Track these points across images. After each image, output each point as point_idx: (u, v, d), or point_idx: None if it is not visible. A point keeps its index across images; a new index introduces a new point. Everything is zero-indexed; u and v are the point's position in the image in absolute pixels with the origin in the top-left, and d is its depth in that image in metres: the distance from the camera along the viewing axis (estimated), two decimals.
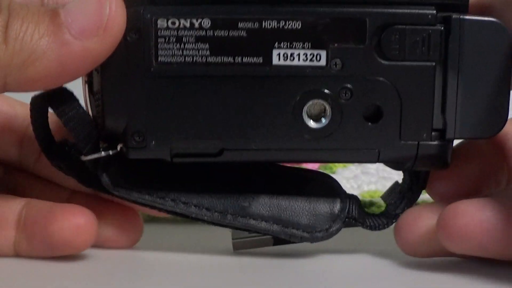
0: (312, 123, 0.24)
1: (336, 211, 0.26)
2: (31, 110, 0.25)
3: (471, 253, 0.23)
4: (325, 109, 0.24)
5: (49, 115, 0.25)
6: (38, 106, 0.25)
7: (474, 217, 0.22)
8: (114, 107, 0.24)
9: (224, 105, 0.24)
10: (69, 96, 0.24)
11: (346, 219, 0.26)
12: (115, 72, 0.23)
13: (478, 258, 0.24)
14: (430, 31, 0.23)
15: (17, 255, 0.25)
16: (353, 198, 0.26)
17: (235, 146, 0.24)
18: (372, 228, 0.26)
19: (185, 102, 0.24)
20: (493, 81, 0.24)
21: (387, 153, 0.24)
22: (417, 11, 0.23)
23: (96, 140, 0.25)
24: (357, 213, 0.26)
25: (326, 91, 0.23)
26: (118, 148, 0.24)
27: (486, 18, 0.23)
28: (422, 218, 0.25)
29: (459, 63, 0.23)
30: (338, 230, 0.26)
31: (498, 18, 0.23)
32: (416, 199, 0.26)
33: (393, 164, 0.26)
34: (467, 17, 0.23)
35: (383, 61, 0.23)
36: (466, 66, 0.23)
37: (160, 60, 0.23)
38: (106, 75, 0.23)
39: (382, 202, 0.28)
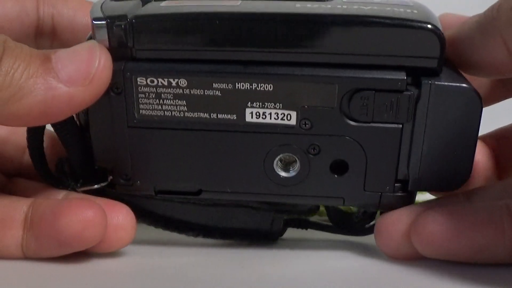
0: (282, 173, 0.26)
1: None
2: (27, 132, 0.27)
3: (442, 257, 0.25)
4: (294, 162, 0.26)
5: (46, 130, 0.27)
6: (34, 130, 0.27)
7: (439, 225, 0.24)
8: (102, 152, 0.26)
9: (201, 154, 0.26)
10: (72, 122, 0.26)
11: None
12: (102, 122, 0.25)
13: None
14: (399, 97, 0.24)
15: (25, 255, 0.25)
16: None
17: (212, 188, 0.26)
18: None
19: (166, 150, 0.26)
20: (459, 141, 0.24)
21: (352, 201, 0.26)
22: (386, 77, 0.23)
23: (91, 171, 0.27)
24: None
25: (294, 146, 0.25)
26: (109, 179, 0.27)
27: (457, 84, 0.24)
28: (401, 220, 0.26)
29: (426, 124, 0.24)
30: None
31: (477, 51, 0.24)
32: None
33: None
34: (437, 82, 0.24)
35: (350, 122, 0.24)
36: (434, 127, 0.24)
37: (142, 113, 0.25)
38: (93, 123, 0.25)
39: None
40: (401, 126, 0.24)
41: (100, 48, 0.24)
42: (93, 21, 0.24)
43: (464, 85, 0.24)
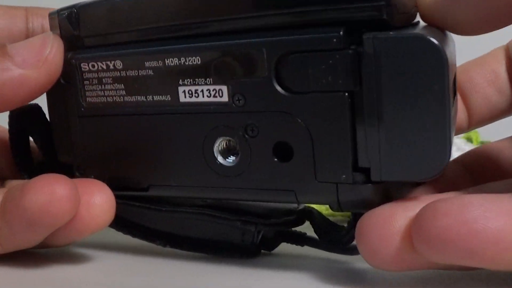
0: (222, 161, 0.23)
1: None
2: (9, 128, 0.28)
3: (455, 262, 0.18)
4: (234, 147, 0.22)
5: None
6: (15, 123, 0.27)
7: (458, 217, 0.18)
8: (60, 144, 0.26)
9: (143, 142, 0.24)
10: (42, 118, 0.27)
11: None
12: (58, 113, 0.26)
13: (463, 268, 0.19)
14: (337, 56, 0.20)
15: (3, 248, 0.24)
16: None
17: (158, 182, 0.24)
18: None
19: (112, 139, 0.24)
20: (426, 110, 0.19)
21: (305, 195, 0.22)
22: (319, 35, 0.20)
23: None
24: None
25: (231, 127, 0.22)
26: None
27: (409, 33, 0.19)
28: (395, 218, 0.19)
29: (377, 91, 0.19)
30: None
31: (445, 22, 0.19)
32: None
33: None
34: (381, 35, 0.19)
35: (286, 94, 0.21)
36: (387, 94, 0.19)
37: (88, 101, 0.25)
38: (51, 114, 0.26)
39: None
40: (346, 94, 0.20)
41: (54, 36, 0.25)
42: (49, 15, 0.25)
43: (418, 33, 0.19)
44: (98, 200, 0.23)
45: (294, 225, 0.25)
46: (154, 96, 0.23)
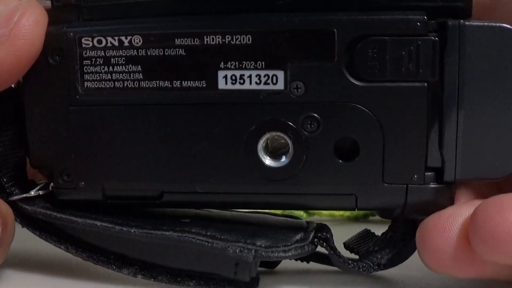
0: (269, 162, 0.19)
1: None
2: None
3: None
4: (285, 145, 0.19)
5: None
6: None
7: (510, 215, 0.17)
8: (38, 142, 0.20)
9: (161, 139, 0.19)
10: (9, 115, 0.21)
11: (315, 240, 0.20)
12: (39, 99, 0.20)
13: None
14: (419, 42, 0.18)
15: None
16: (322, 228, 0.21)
17: (177, 189, 0.20)
18: (342, 265, 0.20)
19: (117, 136, 0.20)
20: (506, 106, 0.18)
21: (367, 199, 0.19)
22: (400, 17, 0.18)
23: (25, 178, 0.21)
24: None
25: (285, 121, 0.19)
26: (50, 187, 0.21)
27: (493, 23, 0.18)
28: (456, 219, 0.18)
29: (459, 83, 0.18)
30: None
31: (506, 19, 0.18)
32: (410, 253, 0.20)
33: (378, 211, 0.21)
34: (468, 23, 0.18)
35: (357, 83, 0.18)
36: (469, 86, 0.18)
37: (87, 86, 0.19)
38: (28, 104, 0.20)
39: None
40: (425, 84, 0.18)
41: (28, 3, 0.19)
42: None
43: (503, 24, 0.18)
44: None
45: (308, 251, 0.20)
46: (183, 82, 0.19)
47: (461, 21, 0.18)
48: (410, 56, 0.18)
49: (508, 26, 0.18)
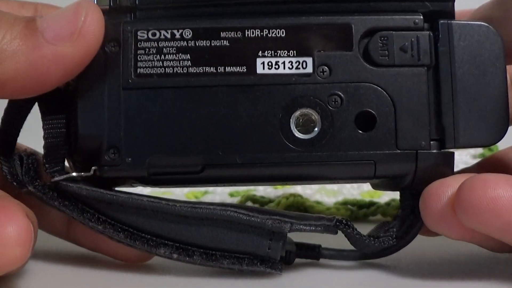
0: (300, 134, 0.22)
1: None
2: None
3: (491, 233, 0.20)
4: (314, 119, 0.22)
5: None
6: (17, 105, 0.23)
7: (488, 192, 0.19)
8: (88, 121, 0.22)
9: (206, 117, 0.22)
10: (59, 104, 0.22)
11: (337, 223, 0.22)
12: (92, 84, 0.22)
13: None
14: (418, 35, 0.22)
15: None
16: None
17: (218, 161, 0.22)
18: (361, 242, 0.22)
19: (164, 115, 0.22)
20: (489, 85, 0.22)
21: (384, 165, 0.22)
22: (403, 16, 0.23)
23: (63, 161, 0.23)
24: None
25: (314, 98, 0.22)
26: (92, 171, 0.22)
27: (474, 22, 0.23)
28: (450, 187, 0.21)
29: (452, 67, 0.22)
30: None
31: (499, 29, 0.23)
32: (422, 224, 0.23)
33: (391, 182, 0.23)
34: (454, 21, 0.23)
35: (372, 67, 0.22)
36: (459, 70, 0.22)
37: (139, 72, 0.22)
38: (82, 86, 0.22)
39: (382, 203, 0.24)
40: (425, 69, 0.22)
41: (88, 3, 0.22)
42: None
43: (481, 23, 0.23)
44: (2, 234, 0.19)
45: (332, 230, 0.23)
46: (226, 68, 0.22)
47: (449, 20, 0.23)
48: (412, 46, 0.22)
49: (486, 24, 0.23)
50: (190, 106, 0.22)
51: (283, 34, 0.22)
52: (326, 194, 0.36)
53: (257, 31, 0.22)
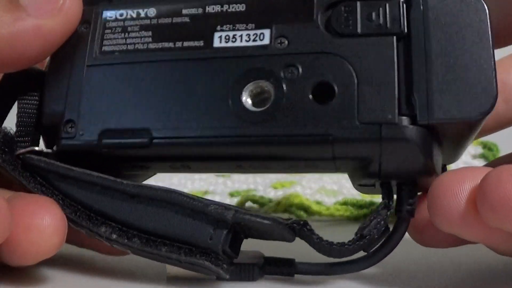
0: (251, 107, 0.21)
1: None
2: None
3: None
4: (267, 91, 0.21)
5: None
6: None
7: None
8: (53, 98, 0.23)
9: (157, 91, 0.22)
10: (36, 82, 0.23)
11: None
12: (61, 63, 0.23)
13: None
14: (387, 2, 0.21)
15: None
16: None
17: (165, 134, 0.21)
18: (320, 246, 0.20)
19: (120, 90, 0.22)
20: (471, 53, 0.20)
21: (343, 142, 0.20)
22: None
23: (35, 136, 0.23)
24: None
25: (268, 70, 0.21)
26: (54, 148, 0.23)
27: None
28: (465, 182, 0.18)
29: (425, 35, 0.20)
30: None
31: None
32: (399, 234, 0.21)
33: (360, 171, 0.21)
34: None
35: (333, 37, 0.21)
36: (434, 38, 0.20)
37: (104, 50, 0.23)
38: (52, 65, 0.23)
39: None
40: (394, 37, 0.20)
41: None
42: None
43: None
44: (40, 224, 0.20)
45: (285, 230, 0.20)
46: (184, 42, 0.22)
47: None
48: (379, 15, 0.20)
49: None
50: (144, 80, 0.22)
51: (243, 8, 0.22)
52: (326, 194, 0.33)
53: (218, 7, 0.22)
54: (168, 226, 0.20)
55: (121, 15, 0.23)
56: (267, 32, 0.21)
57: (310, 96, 0.20)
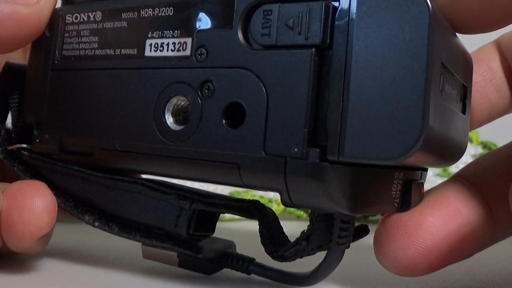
0: (172, 124, 0.20)
1: None
2: None
3: None
4: (186, 109, 0.20)
5: None
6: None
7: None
8: (29, 101, 0.24)
9: (101, 100, 0.22)
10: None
11: None
12: (34, 65, 0.24)
13: None
14: (310, 6, 0.17)
15: None
16: None
17: (103, 145, 0.22)
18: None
19: (74, 96, 0.23)
20: (401, 76, 0.16)
21: (250, 171, 0.18)
22: None
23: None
24: None
25: (187, 85, 0.19)
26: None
27: None
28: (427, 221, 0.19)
29: (347, 48, 0.17)
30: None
31: None
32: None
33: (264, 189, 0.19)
34: None
35: (250, 49, 0.18)
36: (359, 53, 0.16)
37: (64, 54, 0.23)
38: (29, 67, 0.25)
39: None
40: (312, 50, 0.17)
41: None
42: None
43: None
44: (30, 204, 0.21)
45: (239, 213, 0.21)
46: (122, 50, 0.21)
47: None
48: (301, 21, 0.17)
49: None
50: (92, 88, 0.22)
51: (171, 12, 0.20)
52: None
53: (150, 10, 0.21)
54: (140, 214, 0.22)
55: (76, 18, 0.23)
56: (189, 41, 0.20)
57: (222, 118, 0.19)
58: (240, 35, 0.19)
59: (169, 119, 0.20)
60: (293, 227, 0.22)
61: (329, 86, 0.17)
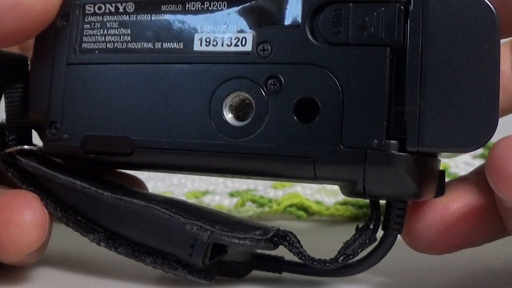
0: (231, 120, 0.19)
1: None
2: None
3: None
4: (249, 104, 0.19)
5: None
6: None
7: None
8: (37, 98, 0.22)
9: (138, 96, 0.21)
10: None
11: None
12: (43, 58, 0.22)
13: None
14: (382, 7, 0.18)
15: None
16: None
17: (146, 144, 0.20)
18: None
19: (100, 93, 0.21)
20: (473, 74, 0.17)
21: (325, 165, 0.18)
22: None
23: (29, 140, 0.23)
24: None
25: (250, 81, 0.19)
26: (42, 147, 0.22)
27: None
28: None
29: (422, 48, 0.18)
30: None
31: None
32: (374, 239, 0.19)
33: (343, 187, 0.19)
34: None
35: (320, 45, 0.19)
36: (433, 53, 0.18)
37: (84, 47, 0.22)
38: (35, 60, 0.22)
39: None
40: (387, 49, 0.18)
41: None
42: None
43: None
44: (18, 218, 0.20)
45: (264, 246, 0.19)
46: (163, 43, 0.20)
47: None
48: (373, 21, 0.18)
49: None
50: (125, 84, 0.21)
51: (224, 7, 0.20)
52: (326, 194, 0.33)
53: (198, 4, 0.20)
54: (151, 238, 0.20)
55: (99, 8, 0.22)
56: (249, 36, 0.19)
57: (292, 113, 0.19)
58: (308, 32, 0.19)
59: (228, 115, 0.20)
60: (293, 227, 0.22)
61: (405, 83, 0.18)
